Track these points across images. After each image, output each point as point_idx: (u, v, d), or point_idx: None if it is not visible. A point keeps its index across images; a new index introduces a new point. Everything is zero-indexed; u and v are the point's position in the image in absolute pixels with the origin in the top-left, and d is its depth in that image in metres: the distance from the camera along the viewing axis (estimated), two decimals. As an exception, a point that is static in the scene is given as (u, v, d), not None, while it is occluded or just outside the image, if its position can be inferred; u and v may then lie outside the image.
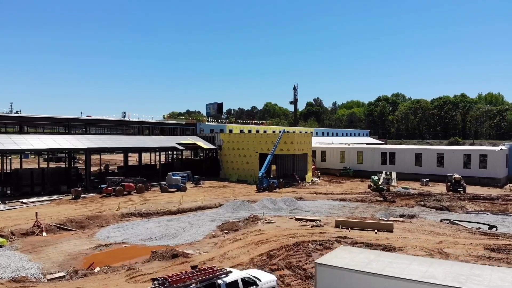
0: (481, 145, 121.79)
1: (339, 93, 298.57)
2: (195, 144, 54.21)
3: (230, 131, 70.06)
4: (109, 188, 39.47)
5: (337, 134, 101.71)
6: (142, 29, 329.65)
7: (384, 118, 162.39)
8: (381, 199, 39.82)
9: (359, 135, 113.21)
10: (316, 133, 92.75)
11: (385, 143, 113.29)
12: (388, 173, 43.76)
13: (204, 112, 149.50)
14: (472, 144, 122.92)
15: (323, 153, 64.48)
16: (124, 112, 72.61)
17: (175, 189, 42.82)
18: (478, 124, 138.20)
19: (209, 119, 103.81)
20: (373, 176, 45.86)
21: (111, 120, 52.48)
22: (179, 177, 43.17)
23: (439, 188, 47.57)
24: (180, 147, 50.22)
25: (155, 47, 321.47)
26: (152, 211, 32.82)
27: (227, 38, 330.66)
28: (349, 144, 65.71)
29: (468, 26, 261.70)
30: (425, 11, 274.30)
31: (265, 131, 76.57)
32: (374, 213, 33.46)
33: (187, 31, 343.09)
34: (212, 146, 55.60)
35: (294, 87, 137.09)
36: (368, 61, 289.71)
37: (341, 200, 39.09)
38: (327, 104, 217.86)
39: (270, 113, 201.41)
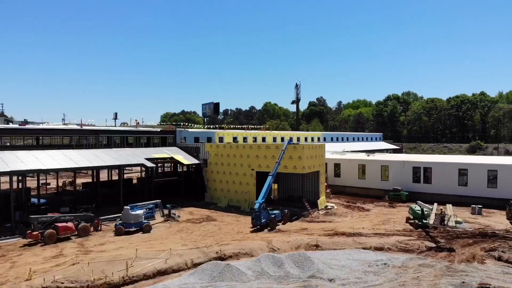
0: (507, 150, 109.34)
1: (344, 92, 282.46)
2: (172, 158, 41.51)
3: (221, 139, 57.14)
4: (35, 233, 26.88)
5: (347, 139, 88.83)
6: (136, 26, 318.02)
7: (395, 119, 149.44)
8: (433, 245, 27.28)
9: (371, 139, 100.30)
10: (325, 139, 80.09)
11: (401, 148, 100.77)
12: (441, 208, 31.07)
13: (200, 113, 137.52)
14: (496, 149, 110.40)
15: (337, 166, 51.72)
16: (116, 113, 67.30)
17: (136, 229, 30.21)
18: (500, 126, 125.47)
19: (206, 120, 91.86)
20: (412, 206, 33.42)
21: (55, 129, 38.82)
22: (140, 212, 30.48)
23: (497, 219, 35.54)
24: (149, 164, 37.30)
25: (148, 44, 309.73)
26: (80, 284, 20.25)
27: (224, 33, 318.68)
28: (368, 155, 52.86)
29: (486, 20, 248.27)
30: (441, 4, 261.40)
31: (264, 139, 63.84)
32: (435, 281, 20.95)
33: (182, 27, 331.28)
34: (195, 161, 42.83)
35: (296, 85, 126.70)
36: (376, 57, 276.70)
37: (377, 249, 26.49)
38: (332, 103, 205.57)
39: (269, 114, 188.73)
